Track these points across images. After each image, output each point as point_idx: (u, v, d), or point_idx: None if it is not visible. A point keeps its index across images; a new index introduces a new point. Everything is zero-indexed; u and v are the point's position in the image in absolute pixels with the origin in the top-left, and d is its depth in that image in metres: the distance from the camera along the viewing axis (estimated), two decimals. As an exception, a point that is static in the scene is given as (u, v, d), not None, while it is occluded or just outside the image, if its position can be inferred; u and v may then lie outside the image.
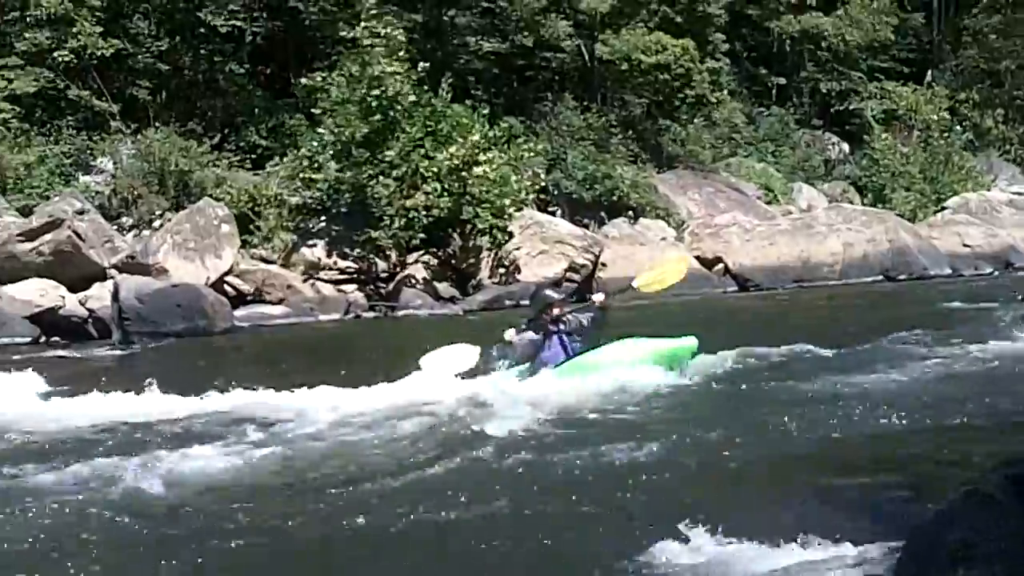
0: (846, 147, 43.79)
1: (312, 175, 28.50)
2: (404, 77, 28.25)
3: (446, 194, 27.46)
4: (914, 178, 39.50)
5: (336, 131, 28.39)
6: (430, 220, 27.38)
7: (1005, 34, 46.44)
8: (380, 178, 27.45)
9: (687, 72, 36.94)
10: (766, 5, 43.49)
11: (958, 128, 43.44)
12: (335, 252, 27.87)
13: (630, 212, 33.14)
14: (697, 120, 39.08)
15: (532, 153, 30.48)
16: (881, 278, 31.20)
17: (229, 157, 30.69)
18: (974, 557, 4.78)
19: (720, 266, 31.08)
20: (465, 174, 27.60)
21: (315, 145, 28.76)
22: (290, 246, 27.67)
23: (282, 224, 27.92)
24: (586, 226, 31.62)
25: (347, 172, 28.02)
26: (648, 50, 36.73)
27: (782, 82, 44.45)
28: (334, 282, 27.43)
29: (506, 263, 27.94)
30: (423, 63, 28.80)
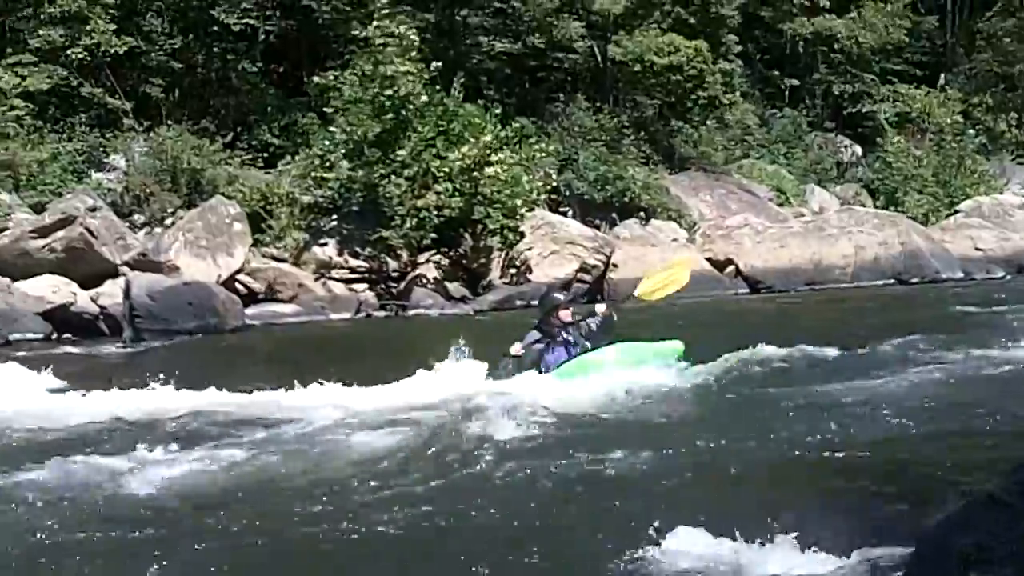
0: (858, 150, 43.69)
1: (324, 174, 28.55)
2: (417, 77, 28.28)
3: (457, 194, 27.47)
4: (927, 181, 39.42)
5: (348, 130, 28.43)
6: (441, 220, 27.39)
7: (1019, 37, 46.35)
8: (392, 177, 27.47)
9: (700, 73, 36.90)
10: (779, 7, 43.41)
11: (971, 131, 43.36)
12: (346, 251, 27.91)
13: (642, 213, 33.14)
14: (709, 122, 39.02)
15: (544, 154, 30.47)
16: (893, 281, 31.10)
17: (241, 155, 30.75)
18: (985, 561, 4.76)
19: (731, 268, 31.03)
20: (477, 174, 27.60)
21: (327, 144, 28.81)
22: (301, 245, 27.69)
23: (294, 223, 27.93)
24: (597, 227, 31.61)
25: (359, 171, 28.05)
26: (661, 51, 36.70)
27: (795, 84, 44.38)
28: (345, 281, 27.46)
29: (517, 263, 27.94)
30: (435, 63, 28.81)
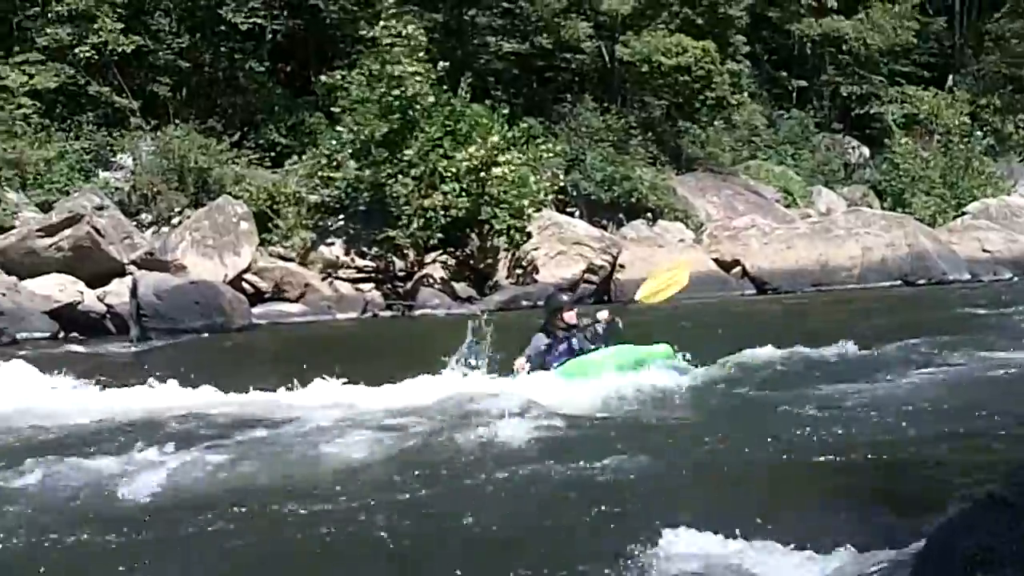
0: (866, 151, 43.68)
1: (331, 173, 28.60)
2: (424, 78, 28.30)
3: (464, 194, 27.50)
4: (934, 183, 39.42)
5: (355, 130, 28.47)
6: (448, 220, 27.42)
7: (1028, 39, 46.32)
8: (399, 177, 27.50)
9: (707, 74, 36.86)
10: (787, 8, 43.41)
11: (979, 133, 43.33)
12: (353, 251, 27.97)
13: (648, 214, 33.16)
14: (717, 122, 39.02)
15: (551, 154, 30.49)
16: (900, 283, 31.06)
17: (248, 155, 30.80)
18: (991, 561, 4.76)
19: (738, 269, 31.02)
20: (484, 174, 27.62)
21: (334, 144, 28.87)
22: (308, 244, 27.73)
23: (300, 222, 27.97)
24: (604, 227, 31.62)
25: (366, 171, 28.09)
26: (669, 52, 36.67)
27: (802, 85, 44.36)
28: (352, 281, 27.50)
29: (524, 264, 27.95)
30: (443, 62, 28.82)
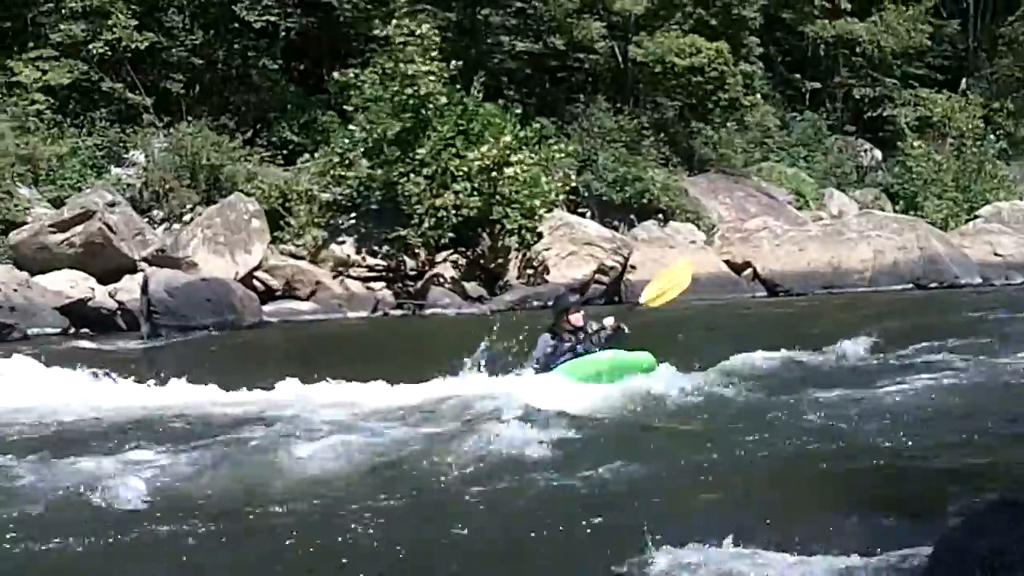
0: (878, 154, 43.59)
1: (343, 172, 28.63)
2: (437, 77, 28.29)
3: (476, 194, 27.48)
4: (946, 186, 39.31)
5: (368, 128, 28.48)
6: (460, 219, 27.41)
7: (1041, 43, 46.18)
8: (411, 176, 27.49)
9: (720, 75, 36.79)
10: (800, 9, 43.30)
11: (992, 137, 43.20)
12: (364, 249, 27.98)
13: (660, 215, 33.11)
14: (729, 124, 38.94)
15: (563, 154, 30.46)
16: (911, 286, 30.98)
17: (261, 152, 30.80)
18: (1002, 564, 4.74)
19: (749, 271, 30.98)
20: (496, 174, 27.59)
21: (347, 142, 28.89)
22: (320, 242, 27.74)
23: (312, 220, 27.98)
24: (616, 228, 31.58)
25: (378, 170, 28.10)
26: (682, 53, 36.61)
27: (816, 87, 44.31)
28: (363, 279, 27.51)
29: (535, 264, 27.92)
30: (456, 61, 28.81)
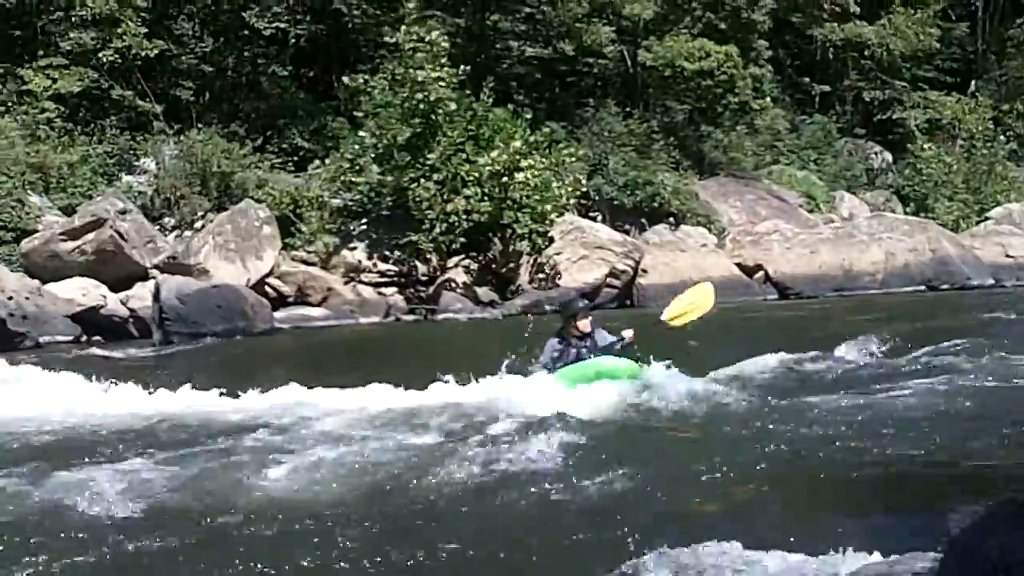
0: (889, 156, 43.57)
1: (353, 178, 28.67)
2: (447, 82, 28.32)
3: (487, 199, 27.51)
4: (957, 188, 39.32)
5: (378, 134, 28.52)
6: (471, 224, 27.43)
7: (1051, 45, 46.15)
8: (421, 182, 27.53)
9: (730, 79, 36.81)
10: (809, 13, 43.30)
11: (1002, 138, 43.23)
12: (376, 255, 28.00)
13: (671, 218, 33.12)
14: (739, 127, 38.94)
15: (573, 158, 30.50)
16: (923, 288, 30.96)
17: (271, 159, 30.87)
18: (1014, 565, 4.73)
19: (760, 274, 30.98)
20: (506, 179, 27.60)
21: (357, 148, 28.92)
22: (331, 248, 27.77)
23: (323, 226, 28.02)
24: (627, 232, 31.59)
25: (388, 175, 28.14)
26: (691, 56, 36.63)
27: (825, 90, 44.35)
28: (374, 285, 27.54)
29: (546, 268, 27.92)
30: (465, 67, 28.85)
